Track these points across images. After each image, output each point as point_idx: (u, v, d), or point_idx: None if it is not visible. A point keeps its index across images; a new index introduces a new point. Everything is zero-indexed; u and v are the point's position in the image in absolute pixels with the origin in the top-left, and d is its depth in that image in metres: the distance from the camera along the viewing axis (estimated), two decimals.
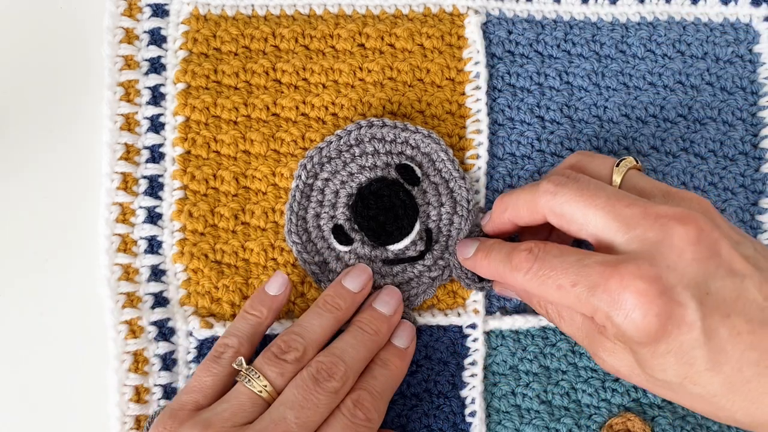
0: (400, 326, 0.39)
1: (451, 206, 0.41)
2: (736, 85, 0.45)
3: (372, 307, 0.39)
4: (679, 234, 0.31)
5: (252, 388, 0.35)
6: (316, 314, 0.38)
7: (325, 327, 0.38)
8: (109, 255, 0.41)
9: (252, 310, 0.39)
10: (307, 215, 0.41)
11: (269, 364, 0.36)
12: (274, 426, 0.33)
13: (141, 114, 0.43)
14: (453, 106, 0.44)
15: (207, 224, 0.42)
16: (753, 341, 0.30)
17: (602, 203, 0.33)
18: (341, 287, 0.39)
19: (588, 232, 0.34)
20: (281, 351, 0.36)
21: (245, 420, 0.34)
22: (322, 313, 0.38)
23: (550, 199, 0.34)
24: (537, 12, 0.45)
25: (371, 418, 0.35)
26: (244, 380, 0.35)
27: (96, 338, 0.41)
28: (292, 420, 0.34)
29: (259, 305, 0.39)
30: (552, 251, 0.33)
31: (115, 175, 0.42)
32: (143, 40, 0.44)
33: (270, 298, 0.39)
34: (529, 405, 0.41)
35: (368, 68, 0.43)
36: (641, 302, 0.30)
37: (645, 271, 0.30)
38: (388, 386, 0.37)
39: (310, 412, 0.34)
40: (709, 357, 0.30)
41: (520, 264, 0.34)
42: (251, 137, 0.42)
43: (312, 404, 0.34)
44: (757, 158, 0.44)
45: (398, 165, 0.41)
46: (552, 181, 0.35)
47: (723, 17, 0.46)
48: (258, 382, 0.35)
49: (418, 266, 0.41)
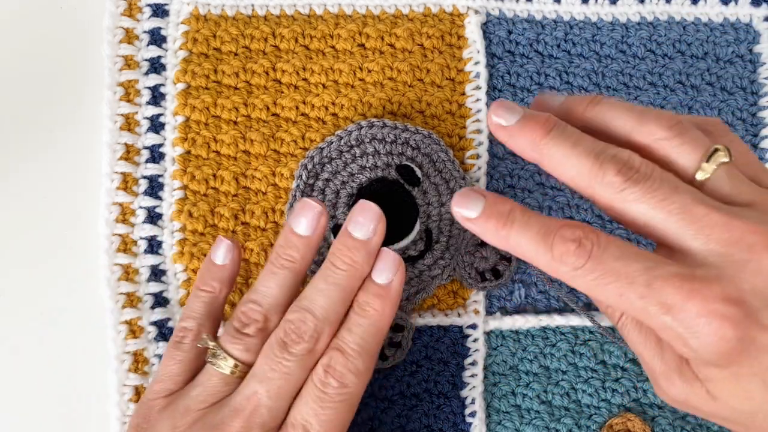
0: (379, 256, 0.33)
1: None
2: (736, 85, 0.45)
3: (344, 233, 0.33)
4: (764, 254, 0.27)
5: (222, 371, 0.33)
6: (270, 274, 0.34)
7: (283, 285, 0.34)
8: (109, 255, 0.41)
9: (203, 286, 0.37)
10: None
11: (232, 342, 0.33)
12: (246, 402, 0.32)
13: (141, 114, 0.43)
14: (453, 106, 0.44)
15: (207, 224, 0.42)
16: None
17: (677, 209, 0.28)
18: (290, 233, 0.34)
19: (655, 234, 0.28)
20: (242, 324, 0.33)
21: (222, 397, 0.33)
22: (275, 271, 0.34)
23: (613, 194, 0.28)
24: (537, 12, 0.45)
25: (346, 383, 0.32)
26: (212, 362, 0.33)
27: (96, 338, 0.41)
28: (263, 394, 0.32)
29: (209, 280, 0.37)
30: (611, 250, 0.27)
31: (115, 175, 0.42)
32: (143, 40, 0.44)
33: (219, 269, 0.37)
34: (529, 405, 0.41)
35: (368, 68, 0.43)
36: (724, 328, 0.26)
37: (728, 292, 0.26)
38: (369, 337, 0.32)
39: (281, 381, 0.32)
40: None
41: (566, 257, 0.28)
42: (251, 137, 0.42)
43: (281, 373, 0.32)
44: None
45: (398, 165, 0.41)
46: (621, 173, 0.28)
47: (723, 17, 0.46)
48: (225, 363, 0.33)
49: (418, 265, 0.41)
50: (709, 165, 0.29)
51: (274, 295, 0.34)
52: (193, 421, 0.33)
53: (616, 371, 0.42)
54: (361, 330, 0.32)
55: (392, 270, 0.33)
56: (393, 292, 0.33)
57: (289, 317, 0.33)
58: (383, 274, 0.33)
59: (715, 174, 0.29)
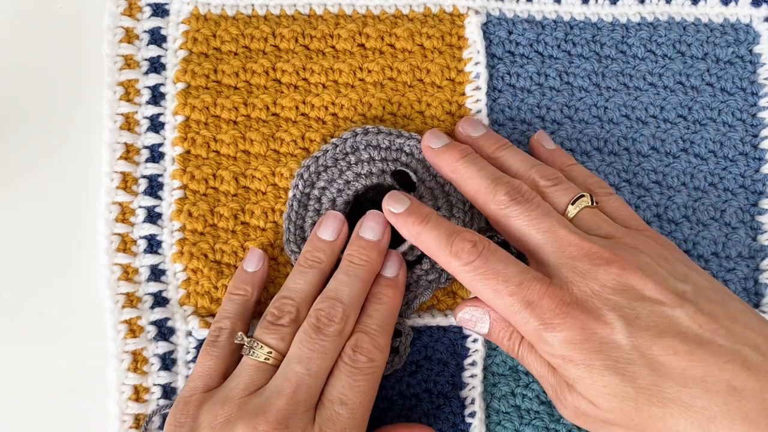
0: (387, 256, 0.39)
1: (448, 209, 0.41)
2: (736, 86, 0.45)
3: (358, 236, 0.39)
4: (604, 269, 0.34)
5: (257, 358, 0.36)
6: (299, 273, 0.39)
7: (311, 283, 0.38)
8: (109, 255, 0.41)
9: (236, 290, 0.40)
10: (305, 224, 0.41)
11: (267, 333, 0.37)
12: (287, 381, 0.34)
13: (141, 113, 0.43)
14: (453, 107, 0.44)
15: (206, 224, 0.42)
16: (692, 359, 0.31)
17: (544, 228, 0.35)
18: (317, 240, 0.39)
19: (527, 247, 0.36)
20: (275, 317, 0.37)
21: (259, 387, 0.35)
22: (305, 271, 0.39)
23: (500, 210, 0.37)
24: (537, 12, 0.45)
25: (373, 358, 0.36)
26: (248, 353, 0.36)
27: (96, 338, 0.41)
28: (303, 372, 0.35)
29: (241, 284, 0.40)
30: (498, 255, 0.35)
31: (115, 174, 0.42)
32: (143, 39, 0.44)
33: (250, 275, 0.40)
34: (528, 405, 0.41)
35: (368, 68, 0.43)
36: (569, 318, 0.33)
37: (574, 293, 0.33)
38: (386, 320, 0.38)
39: (319, 360, 0.35)
40: (650, 372, 0.32)
41: (461, 254, 0.35)
42: (251, 137, 0.42)
43: (319, 352, 0.35)
44: (757, 159, 0.44)
45: (394, 171, 0.41)
46: (508, 194, 0.36)
47: (723, 18, 0.46)
48: (261, 351, 0.36)
49: (416, 270, 0.41)
50: (574, 207, 0.37)
51: (304, 290, 0.38)
52: (235, 409, 0.34)
53: None
54: (379, 314, 0.38)
55: (398, 265, 0.39)
56: (400, 282, 0.39)
57: (319, 306, 0.37)
58: (391, 269, 0.39)
59: (579, 213, 0.37)
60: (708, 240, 0.43)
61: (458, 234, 0.36)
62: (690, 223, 0.43)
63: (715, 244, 0.43)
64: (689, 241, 0.43)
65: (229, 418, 0.34)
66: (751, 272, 0.43)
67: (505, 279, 0.34)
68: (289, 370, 0.35)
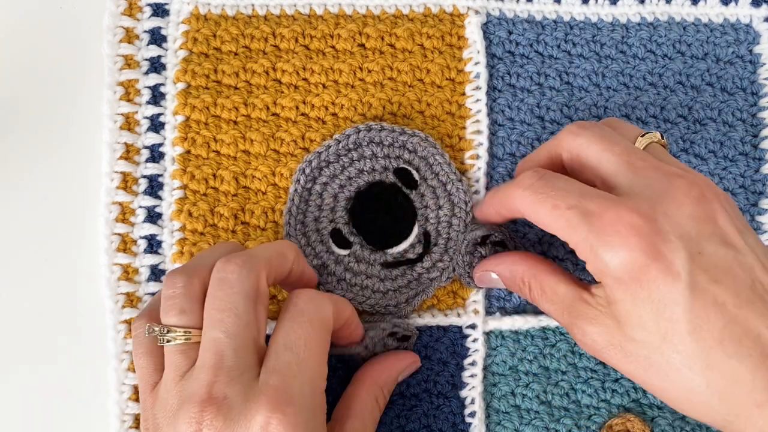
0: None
1: (449, 208, 0.41)
2: (736, 86, 0.45)
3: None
4: (683, 189, 0.31)
5: (176, 342, 0.33)
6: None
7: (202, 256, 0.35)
8: (109, 255, 0.41)
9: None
10: (306, 219, 0.41)
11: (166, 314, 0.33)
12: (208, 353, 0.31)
13: (141, 113, 0.43)
14: (453, 107, 0.44)
15: (207, 224, 0.42)
16: (738, 316, 0.29)
17: (619, 150, 0.33)
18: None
19: (598, 174, 0.34)
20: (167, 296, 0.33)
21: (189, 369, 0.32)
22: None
23: (572, 140, 0.34)
24: (537, 12, 0.45)
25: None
26: (162, 342, 0.33)
27: (96, 338, 0.41)
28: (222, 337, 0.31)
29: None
30: (558, 176, 0.34)
31: (115, 174, 0.42)
32: (143, 39, 0.44)
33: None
34: (528, 405, 0.41)
35: (368, 68, 0.43)
36: (631, 236, 0.30)
37: (642, 209, 0.30)
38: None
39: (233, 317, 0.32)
40: (691, 318, 0.30)
41: (523, 180, 0.34)
42: (251, 137, 0.42)
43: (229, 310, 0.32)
44: (757, 159, 0.44)
45: (396, 168, 0.41)
46: (576, 124, 0.35)
47: (723, 18, 0.46)
48: (174, 335, 0.33)
49: (417, 268, 0.41)
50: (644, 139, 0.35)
51: (188, 264, 0.35)
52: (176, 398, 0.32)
53: (615, 371, 0.42)
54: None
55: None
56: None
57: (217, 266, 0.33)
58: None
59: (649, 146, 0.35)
60: None
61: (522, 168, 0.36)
62: None
63: None
64: None
65: (172, 409, 0.32)
66: None
67: (566, 193, 0.32)
68: (207, 340, 0.31)
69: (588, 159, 0.34)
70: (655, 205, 0.31)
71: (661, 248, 0.30)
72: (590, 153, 0.34)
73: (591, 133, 0.34)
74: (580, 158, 0.34)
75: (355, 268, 0.41)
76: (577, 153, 0.34)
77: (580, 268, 0.42)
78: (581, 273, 0.42)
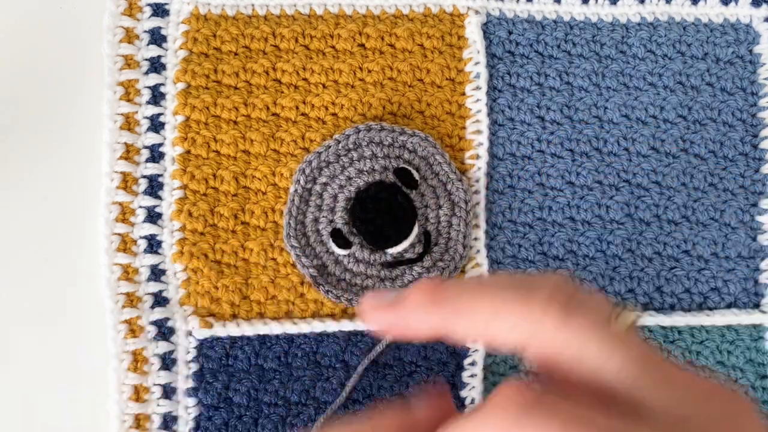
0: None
1: (449, 208, 0.41)
2: (736, 86, 0.45)
3: None
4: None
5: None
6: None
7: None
8: (109, 255, 0.41)
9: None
10: (306, 219, 0.41)
11: None
12: None
13: (141, 113, 0.43)
14: (453, 107, 0.44)
15: (207, 224, 0.42)
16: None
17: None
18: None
19: (604, 374, 0.24)
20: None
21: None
22: None
23: (560, 326, 0.24)
24: (537, 12, 0.45)
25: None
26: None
27: (96, 338, 0.41)
28: None
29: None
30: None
31: (115, 174, 0.42)
32: (143, 39, 0.44)
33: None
34: None
35: (368, 68, 0.43)
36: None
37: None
38: None
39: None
40: None
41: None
42: (251, 137, 0.42)
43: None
44: (757, 159, 0.44)
45: (396, 168, 0.41)
46: (559, 300, 0.24)
47: (723, 18, 0.46)
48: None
49: (417, 268, 0.41)
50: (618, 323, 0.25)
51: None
52: None
53: None
54: None
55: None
56: None
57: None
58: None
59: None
60: (708, 240, 0.43)
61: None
62: (690, 223, 0.43)
63: (715, 245, 0.43)
64: (689, 242, 0.43)
65: None
66: (751, 272, 0.43)
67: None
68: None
69: (587, 353, 0.25)
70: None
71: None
72: (590, 345, 0.25)
73: (583, 316, 0.24)
74: (572, 350, 0.25)
75: (355, 269, 0.41)
76: (568, 346, 0.25)
77: (581, 268, 0.42)
78: (581, 273, 0.42)
